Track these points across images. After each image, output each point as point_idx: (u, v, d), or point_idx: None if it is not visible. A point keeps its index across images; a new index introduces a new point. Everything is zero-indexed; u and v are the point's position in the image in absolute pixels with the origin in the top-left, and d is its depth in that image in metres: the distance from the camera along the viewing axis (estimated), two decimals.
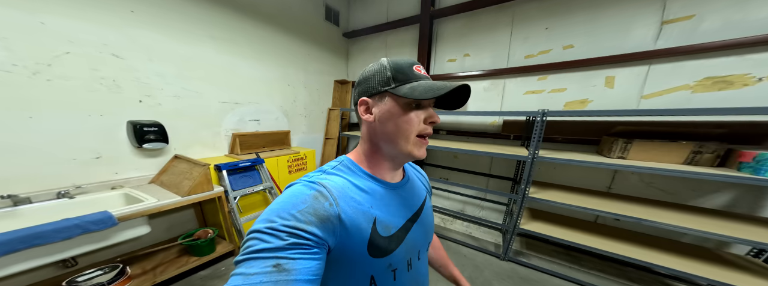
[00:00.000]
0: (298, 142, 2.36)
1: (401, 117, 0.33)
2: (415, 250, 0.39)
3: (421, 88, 0.32)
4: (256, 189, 1.50)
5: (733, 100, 1.18)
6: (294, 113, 2.25)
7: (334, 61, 2.69)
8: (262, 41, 1.83)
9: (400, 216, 0.37)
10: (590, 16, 1.49)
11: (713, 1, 1.17)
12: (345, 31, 2.74)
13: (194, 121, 1.50)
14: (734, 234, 0.95)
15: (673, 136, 1.15)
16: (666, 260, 1.13)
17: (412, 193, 0.41)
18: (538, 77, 1.73)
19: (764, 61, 1.11)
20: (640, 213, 1.14)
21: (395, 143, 0.34)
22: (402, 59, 0.35)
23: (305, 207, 0.28)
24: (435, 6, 2.09)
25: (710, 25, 1.19)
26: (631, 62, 1.38)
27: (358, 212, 0.32)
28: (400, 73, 0.33)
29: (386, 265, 0.34)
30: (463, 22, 2.03)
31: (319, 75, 2.49)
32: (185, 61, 1.40)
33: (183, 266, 1.23)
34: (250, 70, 1.78)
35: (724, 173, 0.97)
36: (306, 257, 0.25)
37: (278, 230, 0.26)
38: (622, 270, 1.49)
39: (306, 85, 2.33)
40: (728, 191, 1.27)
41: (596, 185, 1.58)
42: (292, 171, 1.94)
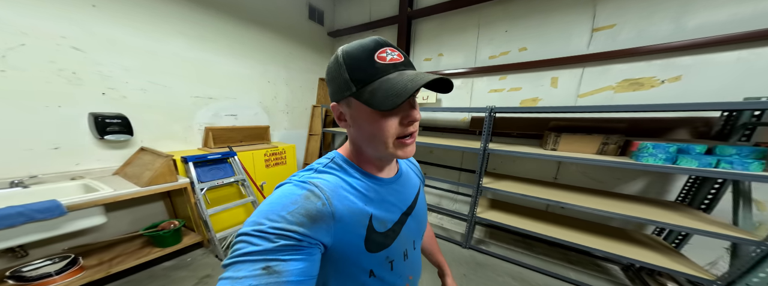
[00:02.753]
0: (280, 137, 2.29)
1: (372, 124, 0.28)
2: (411, 241, 0.37)
3: (380, 94, 0.25)
4: (226, 181, 1.43)
5: (644, 99, 1.27)
6: (275, 110, 2.18)
7: (318, 59, 2.62)
8: (240, 39, 1.76)
9: (396, 211, 0.35)
10: (541, 21, 1.52)
11: (628, 13, 1.26)
12: (330, 30, 2.68)
13: (164, 114, 1.43)
14: (644, 216, 1.03)
15: (590, 130, 1.24)
16: (597, 243, 1.19)
17: (406, 186, 0.38)
18: (500, 77, 1.74)
19: (666, 66, 1.21)
20: (576, 200, 1.19)
21: (375, 147, 0.30)
22: (358, 49, 0.27)
23: (296, 208, 0.26)
24: (412, 7, 2.08)
25: (627, 34, 1.28)
26: (570, 65, 1.45)
27: (352, 211, 0.29)
28: (358, 71, 0.27)
29: (384, 258, 0.32)
30: (437, 23, 2.01)
31: (302, 73, 2.42)
32: (152, 56, 1.33)
33: (143, 257, 1.15)
34: (226, 66, 1.71)
35: (613, 159, 1.07)
36: (297, 258, 0.23)
37: (267, 233, 0.23)
38: (565, 254, 1.54)
39: (288, 83, 2.27)
40: (642, 179, 1.35)
41: (545, 176, 1.63)
42: (270, 165, 1.87)
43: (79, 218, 1.00)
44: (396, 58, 0.27)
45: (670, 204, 1.21)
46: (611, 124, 1.29)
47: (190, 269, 1.26)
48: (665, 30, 1.19)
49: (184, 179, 1.27)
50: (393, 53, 0.27)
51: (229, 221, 1.55)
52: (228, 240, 1.43)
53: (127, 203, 1.30)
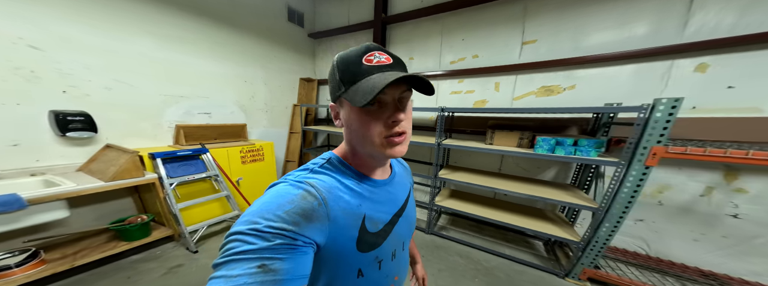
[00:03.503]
0: (259, 135, 2.30)
1: (359, 122, 0.29)
2: (400, 242, 0.37)
3: (360, 92, 0.26)
4: (197, 177, 1.44)
5: (554, 104, 1.52)
6: (253, 108, 2.19)
7: (299, 60, 2.65)
8: (215, 40, 1.77)
9: (387, 212, 0.35)
10: (489, 32, 1.68)
11: (544, 31, 1.49)
12: (310, 32, 2.70)
13: (130, 112, 1.41)
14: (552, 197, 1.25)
15: (512, 127, 1.47)
16: (521, 222, 1.40)
17: (398, 188, 0.38)
18: (458, 80, 1.89)
19: (567, 77, 1.47)
20: (506, 186, 1.39)
21: (365, 146, 0.31)
22: (351, 53, 0.29)
23: (292, 207, 0.25)
24: (386, 13, 2.16)
25: (545, 48, 1.51)
26: (507, 72, 1.65)
27: (346, 211, 0.29)
28: (348, 73, 0.28)
29: (373, 257, 0.32)
30: (408, 29, 2.11)
31: (282, 73, 2.44)
32: (115, 55, 1.31)
33: (109, 250, 1.15)
34: (199, 66, 1.71)
35: (522, 151, 1.31)
36: (293, 257, 0.23)
37: (263, 231, 0.23)
38: (505, 234, 1.74)
39: (266, 83, 2.28)
40: (553, 167, 1.62)
41: (492, 167, 1.82)
42: (246, 162, 1.89)
43: (41, 212, 0.99)
44: (383, 61, 0.28)
45: (565, 186, 1.47)
46: (526, 122, 1.55)
47: (159, 261, 1.27)
48: (567, 47, 1.44)
49: (152, 175, 1.28)
50: (381, 56, 0.28)
51: (204, 214, 1.57)
52: (199, 233, 1.46)
53: (93, 198, 1.29)
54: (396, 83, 0.26)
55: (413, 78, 0.27)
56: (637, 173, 1.01)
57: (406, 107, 0.30)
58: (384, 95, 0.28)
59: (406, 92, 0.29)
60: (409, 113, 0.31)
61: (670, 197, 1.27)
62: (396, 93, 0.28)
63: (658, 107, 0.93)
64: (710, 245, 1.22)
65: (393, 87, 0.27)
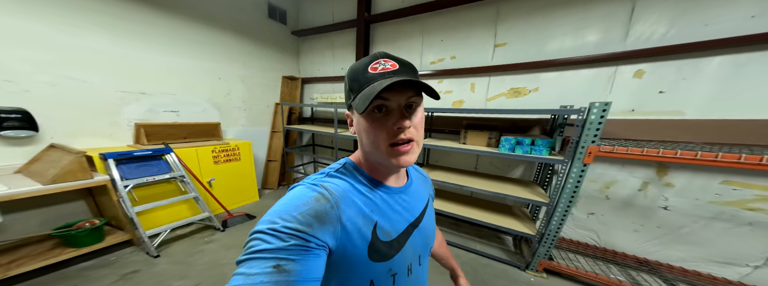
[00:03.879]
0: (236, 134, 2.20)
1: (366, 129, 0.29)
2: (416, 255, 0.35)
3: (362, 98, 0.27)
4: (158, 178, 1.35)
5: (521, 105, 1.56)
6: (229, 106, 2.08)
7: (281, 58, 2.55)
8: (181, 35, 1.65)
9: (402, 221, 0.33)
10: (466, 34, 1.69)
11: (513, 34, 1.52)
12: (294, 29, 2.61)
13: (80, 109, 1.30)
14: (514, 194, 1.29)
15: (484, 127, 1.49)
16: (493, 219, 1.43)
17: (414, 197, 0.37)
18: (438, 81, 1.88)
19: (532, 80, 1.51)
20: (481, 185, 1.40)
21: (373, 153, 0.30)
22: (360, 62, 0.29)
23: (306, 209, 0.26)
24: (369, 13, 2.11)
25: (514, 51, 1.54)
26: (482, 74, 1.67)
27: (358, 216, 0.29)
28: (356, 82, 0.28)
29: (386, 270, 0.31)
30: (391, 29, 2.07)
31: (262, 71, 2.34)
32: (65, 49, 1.20)
33: (52, 258, 1.05)
34: (164, 62, 1.60)
35: (488, 149, 1.35)
36: (306, 258, 0.23)
37: (280, 231, 0.23)
38: (479, 230, 1.77)
39: (244, 80, 2.18)
40: (520, 166, 1.67)
41: (469, 166, 1.84)
42: (220, 162, 1.79)
43: None
44: (387, 68, 0.28)
45: (528, 183, 1.52)
46: (497, 123, 1.59)
47: (112, 267, 1.18)
48: (532, 51, 1.47)
49: (103, 177, 1.17)
50: (386, 63, 0.28)
51: (169, 217, 1.47)
52: (161, 237, 1.37)
53: (33, 202, 1.16)
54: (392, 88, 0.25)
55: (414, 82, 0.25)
56: (577, 170, 1.06)
57: (413, 114, 0.28)
58: (388, 101, 0.27)
59: (413, 98, 0.28)
60: (418, 120, 0.29)
61: (615, 192, 1.34)
62: (402, 99, 0.27)
63: (592, 110, 0.99)
64: (647, 235, 1.30)
65: (398, 93, 0.27)
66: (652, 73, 1.19)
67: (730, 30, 1.02)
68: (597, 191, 1.39)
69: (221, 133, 1.95)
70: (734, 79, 1.04)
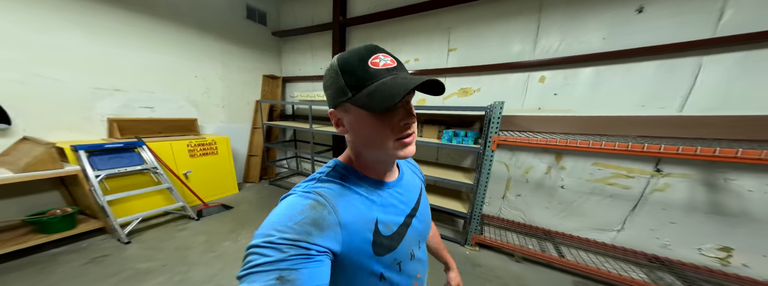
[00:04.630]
0: (215, 129, 2.24)
1: (369, 128, 0.27)
2: (416, 241, 0.36)
3: (377, 96, 0.25)
4: (130, 169, 1.40)
5: (468, 103, 1.73)
6: (207, 103, 2.13)
7: (262, 57, 2.60)
8: (158, 34, 1.70)
9: (400, 213, 0.33)
10: (426, 39, 1.82)
11: (461, 41, 1.68)
12: (274, 30, 2.67)
13: (51, 105, 1.33)
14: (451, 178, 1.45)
15: (437, 122, 1.69)
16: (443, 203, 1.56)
17: (409, 188, 0.37)
18: None
19: (475, 81, 1.69)
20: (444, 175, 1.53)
21: (374, 150, 0.29)
22: (354, 55, 0.26)
23: (302, 218, 0.25)
24: (344, 17, 2.21)
25: (462, 55, 1.71)
26: (439, 75, 1.81)
27: (358, 217, 0.28)
28: (353, 77, 0.26)
29: (392, 260, 0.31)
30: (364, 32, 2.17)
31: (242, 70, 2.39)
32: (34, 48, 1.22)
33: (22, 244, 1.09)
34: (140, 59, 1.64)
35: (435, 141, 1.50)
36: (308, 266, 0.23)
37: (277, 243, 0.23)
38: (439, 215, 1.86)
39: (223, 78, 2.23)
40: (469, 156, 1.82)
41: (431, 158, 1.98)
42: (196, 155, 1.84)
43: None
44: (389, 63, 0.26)
45: (467, 170, 1.71)
46: (450, 118, 1.75)
47: (83, 252, 1.23)
48: (475, 56, 1.64)
49: (74, 167, 1.22)
50: (386, 59, 0.26)
51: (143, 206, 1.52)
52: (133, 225, 1.42)
53: (7, 191, 1.20)
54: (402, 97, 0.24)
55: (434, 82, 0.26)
56: (488, 156, 1.26)
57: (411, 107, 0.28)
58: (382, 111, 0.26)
59: (410, 94, 0.27)
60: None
61: (532, 176, 1.53)
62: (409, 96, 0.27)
63: (495, 108, 1.20)
64: (554, 210, 1.50)
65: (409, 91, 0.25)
66: (550, 78, 1.42)
67: (592, 48, 1.26)
68: (520, 176, 1.57)
69: (198, 128, 2.00)
70: (598, 85, 1.28)
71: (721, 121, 1.03)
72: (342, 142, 2.67)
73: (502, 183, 1.65)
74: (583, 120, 1.32)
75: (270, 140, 2.90)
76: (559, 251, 1.31)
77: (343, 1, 2.16)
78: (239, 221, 1.69)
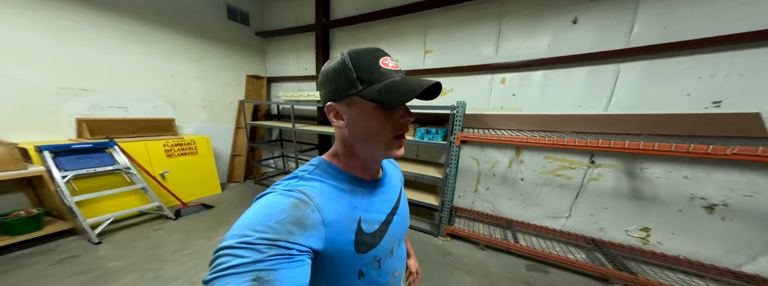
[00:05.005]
0: (196, 130, 2.21)
1: (373, 121, 0.28)
2: (397, 239, 0.36)
3: (390, 92, 0.26)
4: (100, 170, 1.37)
5: (444, 102, 1.79)
6: (186, 103, 2.10)
7: (245, 57, 2.57)
8: (133, 35, 1.67)
9: (382, 211, 0.33)
10: (405, 41, 1.89)
11: (436, 44, 1.75)
12: (258, 30, 2.64)
13: (12, 105, 1.28)
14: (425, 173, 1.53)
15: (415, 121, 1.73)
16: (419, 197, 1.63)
17: (390, 187, 0.37)
18: None
19: (450, 82, 1.75)
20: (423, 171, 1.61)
21: (371, 146, 0.30)
22: (365, 54, 0.28)
23: (284, 217, 0.24)
24: (328, 18, 2.22)
25: (437, 57, 1.79)
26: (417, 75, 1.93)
27: (342, 215, 0.28)
28: (365, 73, 0.27)
29: (372, 257, 0.31)
30: (348, 34, 2.20)
31: (224, 69, 2.36)
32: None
33: None
34: (110, 59, 1.60)
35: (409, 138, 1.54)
36: (289, 266, 0.21)
37: (254, 244, 0.21)
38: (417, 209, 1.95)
39: (203, 78, 2.19)
40: (444, 153, 1.85)
41: (412, 155, 2.04)
42: (173, 155, 1.82)
43: None
44: (395, 66, 0.28)
45: (441, 165, 1.79)
46: (426, 117, 1.81)
47: (50, 254, 1.20)
48: (449, 58, 1.73)
49: (38, 168, 1.19)
50: (392, 62, 0.29)
51: (118, 207, 1.49)
52: (104, 225, 1.39)
53: None
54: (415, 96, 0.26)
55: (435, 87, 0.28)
56: (454, 152, 1.34)
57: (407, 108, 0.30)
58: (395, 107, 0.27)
59: None
60: None
61: (498, 170, 1.64)
62: None
63: (459, 107, 1.29)
64: (516, 201, 1.61)
65: None
66: (510, 80, 1.53)
67: (541, 53, 1.38)
68: (489, 170, 1.67)
69: (176, 128, 1.97)
70: (547, 87, 1.40)
71: (636, 118, 1.17)
72: (326, 141, 2.70)
73: (474, 177, 1.73)
74: (536, 118, 1.43)
75: (255, 140, 2.89)
76: (516, 238, 1.41)
77: (326, 3, 2.17)
78: (218, 220, 1.69)
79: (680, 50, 1.07)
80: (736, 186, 1.04)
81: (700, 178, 1.10)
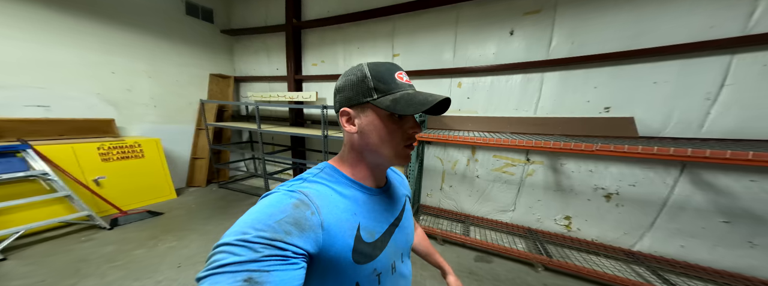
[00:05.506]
0: (145, 131, 1.99)
1: (384, 129, 0.29)
2: (399, 253, 0.34)
3: (403, 102, 0.27)
4: (6, 177, 1.17)
5: None
6: (130, 102, 1.88)
7: (210, 55, 2.40)
8: (56, 25, 1.45)
9: (384, 221, 0.33)
10: (373, 44, 1.93)
11: (402, 47, 1.81)
12: (224, 28, 2.49)
13: None
14: None
15: None
16: None
17: (394, 197, 0.36)
18: None
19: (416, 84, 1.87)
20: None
21: (380, 153, 0.30)
22: (383, 66, 0.30)
23: (284, 217, 0.23)
24: (299, 19, 2.16)
25: (404, 61, 1.84)
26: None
27: (341, 220, 0.28)
28: (382, 83, 0.29)
29: (371, 270, 0.29)
30: (319, 35, 2.16)
31: (180, 67, 2.17)
32: None
33: None
34: (27, 52, 1.38)
35: None
36: (283, 268, 0.21)
37: (251, 242, 0.21)
38: None
39: (153, 76, 1.99)
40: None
41: None
42: (111, 159, 1.61)
43: None
44: (408, 81, 0.31)
45: None
46: None
47: None
48: (414, 62, 1.79)
49: None
50: (406, 76, 0.31)
51: (31, 217, 1.27)
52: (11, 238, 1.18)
53: None
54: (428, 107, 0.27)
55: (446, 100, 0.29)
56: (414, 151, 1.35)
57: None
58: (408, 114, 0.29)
59: None
60: None
61: (458, 169, 1.73)
62: None
63: None
64: (474, 197, 1.71)
65: None
66: (465, 84, 1.63)
67: (488, 60, 1.49)
68: (451, 169, 1.75)
69: (116, 130, 1.76)
70: (493, 92, 1.52)
71: (556, 121, 1.33)
72: (299, 142, 2.63)
73: (439, 176, 1.79)
74: (487, 120, 1.53)
75: (221, 142, 2.71)
76: (470, 231, 1.49)
77: (297, 3, 2.13)
78: (164, 228, 1.54)
79: (582, 63, 1.24)
80: (624, 177, 1.23)
81: (601, 171, 1.28)
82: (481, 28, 1.48)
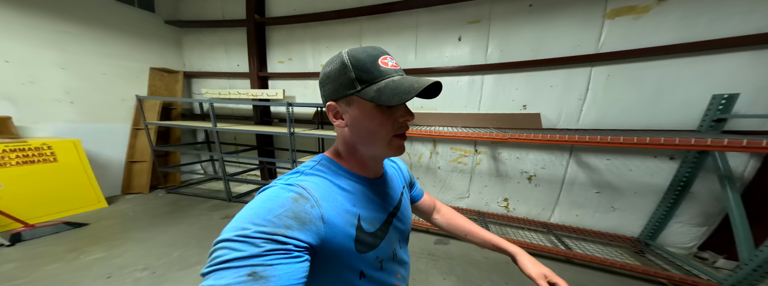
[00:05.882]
0: (59, 131, 1.66)
1: (373, 121, 0.27)
2: (398, 241, 0.35)
3: (388, 91, 0.25)
4: None
5: None
6: (36, 98, 1.55)
7: (151, 48, 2.10)
8: None
9: (383, 211, 0.32)
10: (341, 44, 1.94)
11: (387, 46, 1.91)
12: (170, 19, 2.21)
13: None
14: None
15: None
16: None
17: (391, 187, 0.36)
18: None
19: None
20: None
21: (371, 145, 0.29)
22: (364, 53, 0.26)
23: (283, 211, 0.23)
24: (262, 15, 2.04)
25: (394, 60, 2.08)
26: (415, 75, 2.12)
27: (341, 212, 0.27)
28: (364, 72, 0.26)
29: (374, 258, 0.30)
30: (286, 33, 2.08)
31: (109, 58, 1.86)
32: None
33: None
34: None
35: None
36: (286, 262, 0.20)
37: (252, 237, 0.20)
38: None
39: (67, 67, 1.67)
40: None
41: None
42: (9, 165, 1.30)
43: None
44: (395, 65, 0.28)
45: None
46: None
47: None
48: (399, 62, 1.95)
49: None
50: (392, 61, 0.28)
51: None
52: None
53: None
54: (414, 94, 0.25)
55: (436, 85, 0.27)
56: None
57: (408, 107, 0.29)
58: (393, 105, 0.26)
59: None
60: None
61: (423, 161, 1.89)
62: None
63: None
64: (437, 187, 1.88)
65: None
66: None
67: (444, 63, 1.68)
68: (417, 162, 1.89)
69: (14, 129, 1.43)
70: (450, 91, 1.71)
71: (492, 116, 1.58)
72: (267, 141, 2.51)
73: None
74: (443, 116, 1.71)
75: (169, 142, 2.39)
76: None
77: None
78: (90, 239, 1.32)
79: (508, 68, 1.50)
80: (538, 162, 1.52)
81: (524, 157, 1.55)
82: (437, 32, 1.64)
